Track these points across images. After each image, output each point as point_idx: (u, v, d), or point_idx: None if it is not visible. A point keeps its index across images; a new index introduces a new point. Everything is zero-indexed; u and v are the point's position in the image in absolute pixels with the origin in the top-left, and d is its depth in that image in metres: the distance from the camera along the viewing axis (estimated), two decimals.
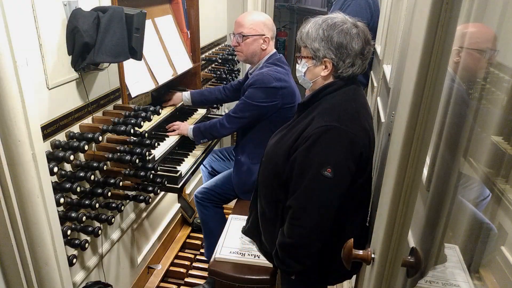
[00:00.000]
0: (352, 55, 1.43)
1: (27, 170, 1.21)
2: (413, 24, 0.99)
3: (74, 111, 1.52)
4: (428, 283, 1.07)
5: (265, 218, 1.64)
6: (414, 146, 0.82)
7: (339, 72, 1.46)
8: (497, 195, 1.01)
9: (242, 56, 2.26)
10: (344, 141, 1.36)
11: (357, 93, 1.51)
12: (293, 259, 1.49)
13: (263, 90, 2.10)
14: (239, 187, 2.30)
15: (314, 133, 1.38)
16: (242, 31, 2.19)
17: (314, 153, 1.38)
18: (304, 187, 1.40)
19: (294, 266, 1.50)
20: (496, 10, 1.06)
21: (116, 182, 1.59)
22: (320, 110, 1.46)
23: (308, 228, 1.42)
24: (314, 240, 1.44)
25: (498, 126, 1.03)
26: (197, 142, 2.28)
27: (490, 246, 1.04)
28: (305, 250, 1.46)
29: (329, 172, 1.35)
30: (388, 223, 0.90)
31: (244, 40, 2.19)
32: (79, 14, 1.40)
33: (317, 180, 1.37)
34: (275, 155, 1.53)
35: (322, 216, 1.40)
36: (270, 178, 1.57)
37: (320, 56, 1.46)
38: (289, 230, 1.46)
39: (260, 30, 2.19)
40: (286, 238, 1.47)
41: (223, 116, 2.22)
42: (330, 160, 1.36)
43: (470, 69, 1.21)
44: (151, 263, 2.43)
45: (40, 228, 1.29)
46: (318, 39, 1.44)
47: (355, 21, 1.46)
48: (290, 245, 1.47)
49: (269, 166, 1.57)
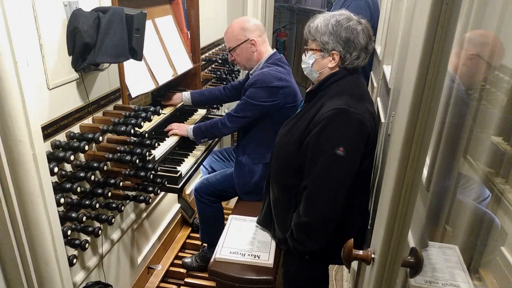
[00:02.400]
0: (358, 48, 1.55)
1: (28, 170, 1.21)
2: (413, 24, 0.99)
3: (75, 111, 1.52)
4: (428, 283, 1.08)
5: (278, 205, 1.72)
6: (414, 146, 0.82)
7: (346, 64, 1.58)
8: (497, 196, 1.01)
9: (242, 66, 2.33)
10: (354, 123, 1.46)
11: (359, 81, 1.63)
12: (309, 237, 1.55)
13: (264, 89, 2.10)
14: (241, 188, 2.30)
15: (325, 117, 1.47)
16: (229, 46, 2.25)
17: (327, 134, 1.47)
18: (319, 167, 1.48)
19: (309, 245, 1.57)
20: (496, 10, 1.06)
21: (116, 182, 1.59)
22: (328, 96, 1.56)
23: (323, 206, 1.49)
24: (329, 218, 1.51)
25: (498, 127, 1.03)
26: (197, 142, 2.28)
27: (493, 239, 1.04)
28: (321, 227, 1.53)
29: (341, 151, 1.44)
30: (388, 223, 0.90)
31: (234, 52, 2.24)
32: (79, 15, 1.40)
33: (331, 159, 1.45)
34: (287, 143, 1.62)
35: (336, 194, 1.48)
36: (282, 166, 1.65)
37: (328, 49, 1.57)
38: (305, 209, 1.53)
39: (242, 37, 2.20)
40: (302, 217, 1.53)
41: (225, 116, 2.23)
42: (342, 140, 1.45)
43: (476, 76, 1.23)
44: (151, 263, 2.43)
45: (40, 228, 1.29)
46: (327, 33, 1.55)
47: (359, 18, 1.58)
48: (306, 224, 1.53)
49: (281, 155, 1.67)
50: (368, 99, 1.59)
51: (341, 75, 1.58)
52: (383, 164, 1.31)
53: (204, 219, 2.42)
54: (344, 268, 2.58)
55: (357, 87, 1.58)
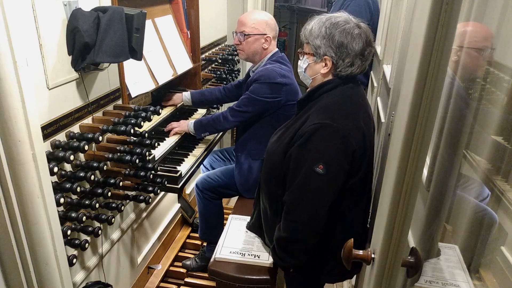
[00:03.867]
0: (352, 55, 1.45)
1: (27, 170, 1.21)
2: (413, 24, 0.99)
3: (74, 111, 1.52)
4: (428, 283, 1.08)
5: (266, 214, 1.68)
6: (414, 146, 0.82)
7: (338, 70, 1.49)
8: (497, 195, 1.01)
9: (244, 54, 2.28)
10: (336, 139, 1.39)
11: (355, 92, 1.53)
12: (287, 253, 1.51)
13: (268, 85, 2.11)
14: (241, 185, 2.30)
15: (307, 131, 1.41)
16: (244, 29, 2.21)
17: (307, 149, 1.41)
18: (298, 183, 1.43)
19: (289, 261, 1.52)
20: (496, 10, 1.06)
21: (116, 182, 1.59)
22: (316, 108, 1.48)
23: (300, 222, 1.44)
24: (308, 235, 1.46)
25: (498, 126, 1.03)
26: (198, 136, 2.28)
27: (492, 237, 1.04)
28: (299, 245, 1.48)
29: (321, 168, 1.38)
30: (388, 223, 0.90)
31: (246, 39, 2.21)
32: (79, 14, 1.40)
33: (309, 176, 1.40)
34: (274, 153, 1.57)
35: (314, 212, 1.42)
36: (269, 175, 1.61)
37: (320, 54, 1.49)
38: (284, 224, 1.49)
39: (262, 30, 2.20)
40: (282, 232, 1.49)
41: (227, 110, 2.23)
42: (323, 157, 1.38)
43: (468, 68, 1.21)
44: (151, 263, 2.43)
45: (40, 228, 1.29)
46: (320, 37, 1.47)
47: (358, 22, 1.48)
48: (285, 240, 1.49)
49: (268, 163, 1.62)
50: (361, 113, 1.49)
51: (333, 84, 1.49)
52: (383, 164, 1.31)
53: (204, 216, 2.42)
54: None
55: (350, 99, 1.49)
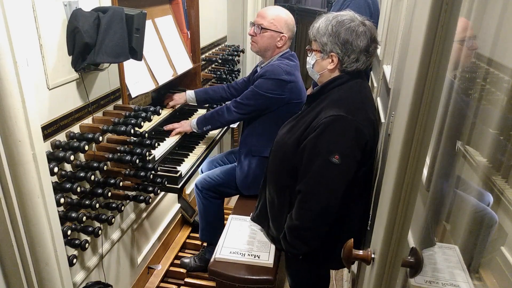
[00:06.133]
0: (357, 51, 1.53)
1: (28, 170, 1.21)
2: (413, 24, 0.99)
3: (75, 111, 1.52)
4: (428, 283, 1.08)
5: (274, 205, 1.73)
6: (414, 146, 0.82)
7: (344, 66, 1.57)
8: (497, 195, 1.01)
9: (256, 47, 2.27)
10: (351, 130, 1.46)
11: (362, 87, 1.62)
12: (300, 240, 1.57)
13: (272, 81, 2.12)
14: (241, 182, 2.30)
15: (323, 123, 1.47)
16: (262, 23, 2.21)
17: (323, 141, 1.47)
18: (313, 173, 1.49)
19: (301, 248, 1.58)
20: (496, 10, 1.06)
21: (116, 182, 1.59)
22: (328, 101, 1.56)
23: (315, 211, 1.50)
24: (321, 223, 1.52)
25: (498, 126, 1.03)
26: (200, 131, 2.27)
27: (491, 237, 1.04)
28: (312, 232, 1.54)
29: (336, 158, 1.44)
30: (388, 223, 0.90)
31: (262, 32, 2.21)
32: (79, 15, 1.40)
33: (325, 166, 1.46)
34: (285, 144, 1.63)
35: (329, 201, 1.48)
36: (279, 166, 1.67)
37: (327, 50, 1.57)
38: (298, 213, 1.54)
39: (280, 27, 2.20)
40: (294, 220, 1.55)
41: (230, 102, 2.24)
42: (338, 148, 1.45)
43: (456, 61, 1.22)
44: (151, 263, 2.43)
45: (40, 228, 1.29)
46: (326, 34, 1.55)
47: (363, 20, 1.57)
48: (298, 228, 1.55)
49: (278, 154, 1.68)
50: (369, 106, 1.58)
51: (343, 79, 1.58)
52: (383, 164, 1.31)
53: (204, 217, 2.42)
54: (344, 268, 2.57)
55: (359, 93, 1.58)
